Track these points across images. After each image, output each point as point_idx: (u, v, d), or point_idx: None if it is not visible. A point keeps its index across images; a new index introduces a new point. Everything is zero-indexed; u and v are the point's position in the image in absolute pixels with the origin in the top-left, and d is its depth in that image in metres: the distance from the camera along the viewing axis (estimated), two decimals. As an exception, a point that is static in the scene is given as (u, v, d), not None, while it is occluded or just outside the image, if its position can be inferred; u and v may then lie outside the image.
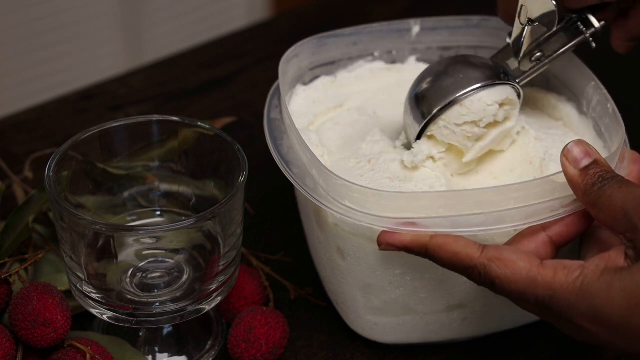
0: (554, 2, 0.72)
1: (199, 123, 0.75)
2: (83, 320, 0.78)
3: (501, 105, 0.73)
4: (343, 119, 0.80)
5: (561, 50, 0.75)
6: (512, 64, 0.76)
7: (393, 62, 0.84)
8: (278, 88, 0.78)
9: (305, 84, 0.82)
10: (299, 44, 0.80)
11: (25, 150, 0.96)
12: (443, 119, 0.72)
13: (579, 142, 0.66)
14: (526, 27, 0.74)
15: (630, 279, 0.60)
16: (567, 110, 0.79)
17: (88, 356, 0.70)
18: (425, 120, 0.73)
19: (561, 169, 0.67)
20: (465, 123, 0.72)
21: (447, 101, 0.72)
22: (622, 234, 0.63)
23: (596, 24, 0.74)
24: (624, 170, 0.70)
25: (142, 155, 0.77)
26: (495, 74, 0.73)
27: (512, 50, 0.76)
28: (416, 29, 0.83)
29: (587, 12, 0.75)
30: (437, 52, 0.84)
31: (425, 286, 0.72)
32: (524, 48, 0.75)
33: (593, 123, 0.76)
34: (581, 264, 0.62)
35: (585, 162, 0.65)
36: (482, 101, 0.72)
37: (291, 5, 1.26)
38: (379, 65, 0.84)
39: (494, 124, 0.73)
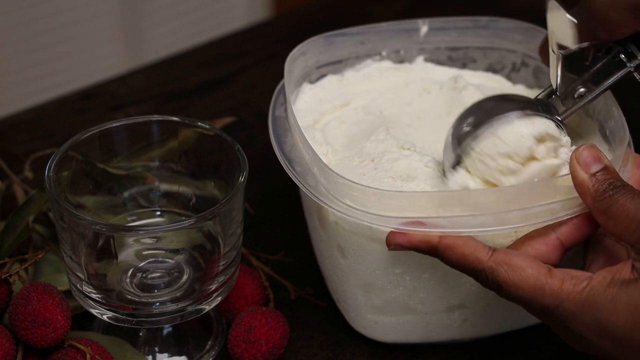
0: (574, 20, 0.69)
1: (199, 123, 0.75)
2: (83, 320, 0.78)
3: (540, 140, 0.69)
4: (349, 118, 0.80)
5: (603, 85, 0.71)
6: (558, 105, 0.72)
7: (401, 61, 0.84)
8: (284, 86, 0.78)
9: (312, 82, 0.82)
10: (305, 42, 0.80)
11: (25, 150, 0.96)
12: (476, 150, 0.69)
13: (591, 147, 0.66)
14: (559, 56, 0.70)
15: (637, 292, 0.60)
16: None
17: (88, 356, 0.70)
18: (458, 152, 0.70)
19: (564, 172, 0.67)
20: (498, 155, 0.69)
21: (479, 130, 0.69)
22: (632, 245, 0.62)
23: (639, 54, 0.70)
24: (627, 173, 0.69)
25: (142, 155, 0.77)
26: (533, 108, 0.70)
27: (553, 86, 0.72)
28: (424, 29, 0.83)
29: (629, 42, 0.70)
30: (445, 52, 0.84)
31: (425, 286, 0.72)
32: (559, 80, 0.71)
33: (598, 125, 0.76)
34: (589, 276, 0.62)
35: (595, 168, 0.65)
36: (516, 132, 0.69)
37: (291, 5, 1.26)
38: (387, 64, 0.84)
39: (532, 159, 0.70)
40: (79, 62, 1.75)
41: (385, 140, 0.76)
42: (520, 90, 0.83)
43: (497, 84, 0.83)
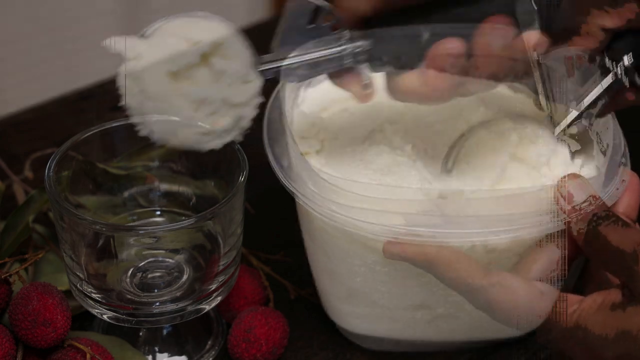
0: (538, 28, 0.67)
1: (199, 123, 0.75)
2: (83, 320, 0.78)
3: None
4: (357, 108, 0.80)
5: (590, 97, 0.68)
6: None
7: (402, 67, 0.83)
8: (283, 86, 0.78)
9: (311, 85, 0.82)
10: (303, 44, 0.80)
11: (25, 150, 0.96)
12: None
13: (573, 177, 0.65)
14: (535, 63, 0.68)
15: (625, 317, 0.60)
16: None
17: (88, 356, 0.70)
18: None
19: (551, 183, 0.66)
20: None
21: None
22: (618, 277, 0.61)
23: (625, 59, 0.66)
24: (619, 185, 0.68)
25: (142, 155, 0.77)
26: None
27: (543, 106, 0.71)
28: (426, 35, 0.82)
29: (608, 47, 0.66)
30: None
31: (383, 280, 0.72)
32: (547, 92, 0.70)
33: (596, 138, 0.75)
34: (580, 299, 0.62)
35: (578, 199, 0.64)
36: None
37: (291, 5, 1.26)
38: (388, 70, 0.83)
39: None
40: (79, 62, 1.75)
41: (377, 134, 0.76)
42: (520, 98, 0.82)
43: (496, 91, 0.83)
